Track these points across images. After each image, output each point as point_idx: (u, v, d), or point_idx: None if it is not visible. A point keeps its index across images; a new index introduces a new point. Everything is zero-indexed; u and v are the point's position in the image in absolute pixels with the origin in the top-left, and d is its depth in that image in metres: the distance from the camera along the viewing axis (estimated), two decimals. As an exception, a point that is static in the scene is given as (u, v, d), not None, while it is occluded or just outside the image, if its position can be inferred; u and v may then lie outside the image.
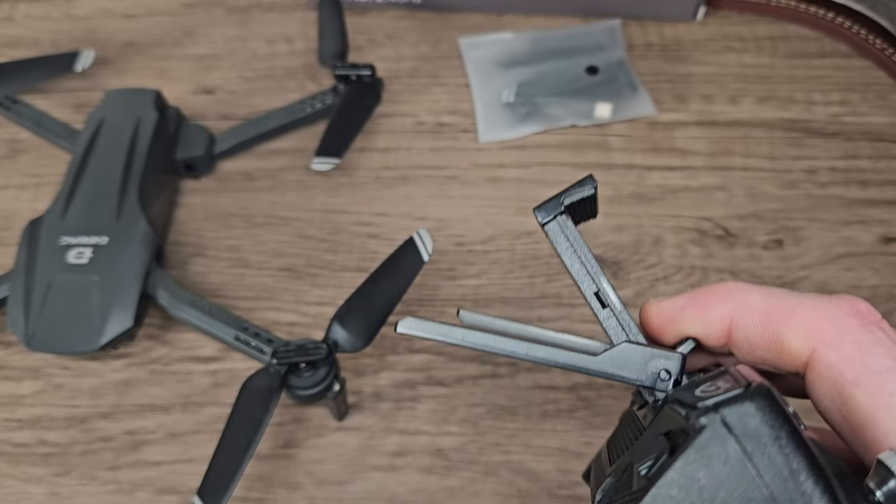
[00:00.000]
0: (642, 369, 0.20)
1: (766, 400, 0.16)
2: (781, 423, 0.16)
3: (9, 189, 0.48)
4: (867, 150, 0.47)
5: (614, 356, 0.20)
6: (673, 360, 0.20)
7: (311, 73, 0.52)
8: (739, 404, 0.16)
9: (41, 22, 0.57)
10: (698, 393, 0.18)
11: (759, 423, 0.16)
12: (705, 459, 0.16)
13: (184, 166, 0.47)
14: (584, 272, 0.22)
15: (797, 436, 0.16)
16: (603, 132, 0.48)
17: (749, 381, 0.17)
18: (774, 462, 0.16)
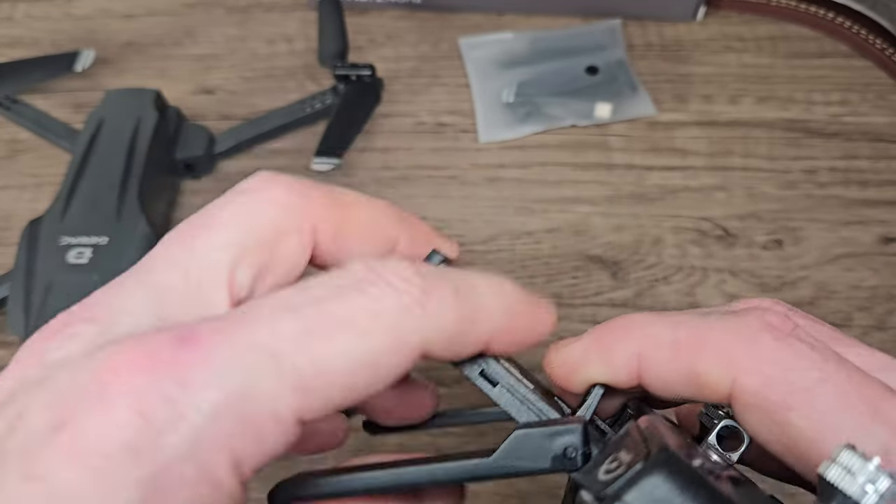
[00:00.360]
0: (544, 453, 0.18)
1: (667, 470, 0.15)
2: (685, 491, 0.15)
3: (9, 189, 0.48)
4: (867, 150, 0.47)
5: (509, 450, 0.18)
6: (574, 434, 0.18)
7: (311, 73, 0.52)
8: (641, 483, 0.15)
9: (41, 22, 0.57)
10: (601, 476, 0.17)
11: (661, 498, 0.15)
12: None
13: (184, 166, 0.47)
14: (465, 365, 0.20)
15: (705, 497, 0.15)
16: (603, 132, 0.48)
17: (648, 450, 0.16)
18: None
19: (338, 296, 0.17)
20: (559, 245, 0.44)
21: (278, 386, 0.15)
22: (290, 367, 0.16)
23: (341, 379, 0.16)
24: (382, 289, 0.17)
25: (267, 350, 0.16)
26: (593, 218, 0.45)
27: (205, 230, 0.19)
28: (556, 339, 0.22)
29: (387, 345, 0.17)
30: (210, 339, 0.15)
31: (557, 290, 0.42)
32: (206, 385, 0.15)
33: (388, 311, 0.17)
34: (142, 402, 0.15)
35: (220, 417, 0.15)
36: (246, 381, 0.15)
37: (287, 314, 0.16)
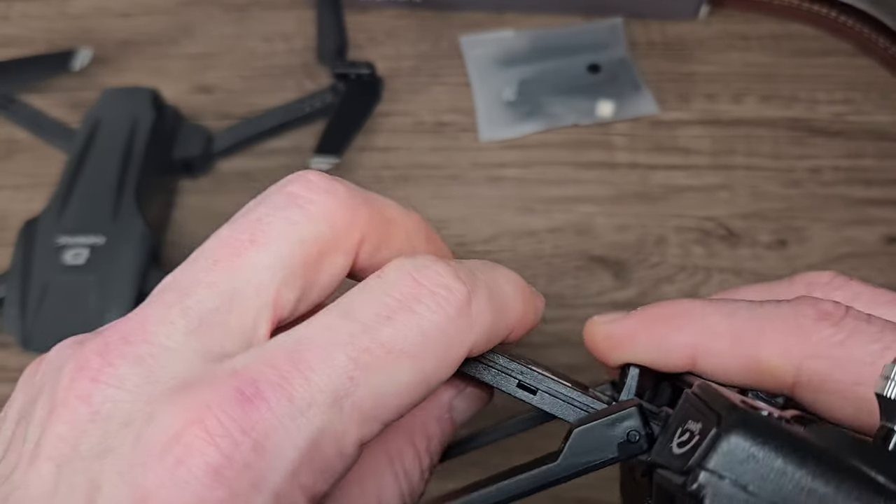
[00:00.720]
0: (609, 443, 0.18)
1: (743, 427, 0.15)
2: (767, 443, 0.15)
3: (4, 189, 0.47)
4: (871, 149, 0.46)
5: (574, 448, 0.18)
6: (633, 418, 0.18)
7: (310, 71, 0.52)
8: (721, 446, 0.15)
9: (37, 21, 0.56)
10: (676, 451, 0.16)
11: (746, 457, 0.15)
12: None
13: (181, 166, 0.47)
14: (495, 375, 0.20)
15: (789, 443, 0.15)
16: (605, 131, 0.48)
17: (717, 413, 0.16)
18: (781, 487, 0.14)
19: (387, 320, 0.17)
20: (561, 245, 0.43)
21: (343, 426, 0.16)
22: (351, 405, 0.16)
23: (398, 402, 0.17)
24: (428, 304, 0.17)
25: (330, 394, 0.16)
26: (596, 217, 0.44)
27: (252, 247, 0.18)
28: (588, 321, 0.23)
29: (438, 363, 0.17)
30: (273, 394, 0.15)
31: (560, 291, 0.42)
32: (280, 445, 0.15)
33: (437, 328, 0.17)
34: (221, 475, 0.15)
35: (297, 471, 0.15)
36: (314, 432, 0.16)
37: (340, 349, 0.16)
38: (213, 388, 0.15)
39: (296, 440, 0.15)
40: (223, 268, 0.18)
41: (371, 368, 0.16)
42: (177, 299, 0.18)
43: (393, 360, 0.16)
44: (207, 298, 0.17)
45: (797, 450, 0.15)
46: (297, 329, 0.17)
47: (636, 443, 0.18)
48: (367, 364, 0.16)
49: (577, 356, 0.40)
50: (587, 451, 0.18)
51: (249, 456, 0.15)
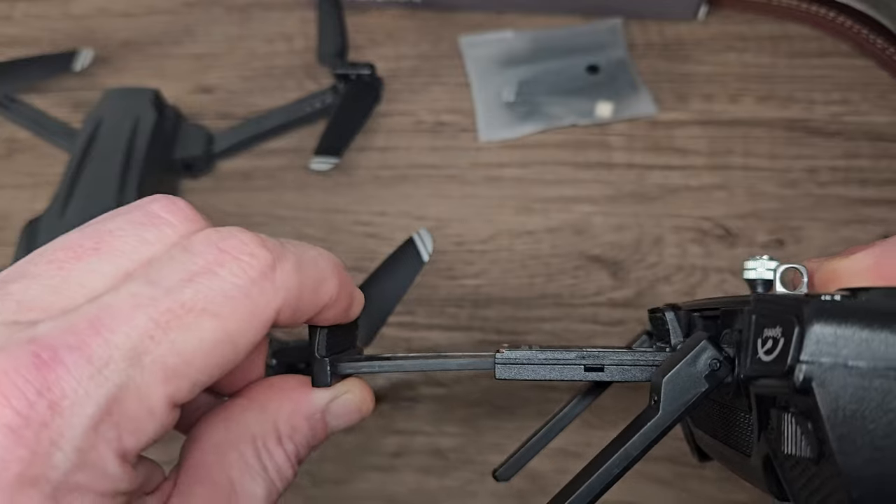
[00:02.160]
0: (697, 379, 0.20)
1: (821, 314, 0.16)
2: (846, 320, 0.16)
3: (6, 189, 0.48)
4: (868, 149, 0.47)
5: (669, 396, 0.19)
6: (707, 349, 0.20)
7: (311, 72, 0.52)
8: (809, 338, 0.16)
9: (39, 21, 0.56)
10: (764, 357, 0.17)
11: (835, 338, 0.16)
12: (844, 404, 0.15)
13: (182, 165, 0.47)
14: (560, 370, 0.21)
15: (862, 314, 0.16)
16: (603, 131, 0.48)
17: (792, 306, 0.17)
18: (874, 351, 0.15)
19: (189, 282, 0.17)
20: (559, 244, 0.44)
21: (145, 382, 0.16)
22: (152, 362, 0.16)
23: (204, 361, 0.17)
24: (231, 268, 0.18)
25: (128, 351, 0.16)
26: (594, 217, 0.45)
27: (94, 254, 0.19)
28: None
29: (242, 322, 0.18)
30: (69, 355, 0.16)
31: (557, 290, 0.42)
32: (77, 403, 0.16)
33: (240, 289, 0.18)
34: (21, 437, 0.15)
35: (98, 427, 0.16)
36: (113, 388, 0.16)
37: (142, 311, 0.17)
38: (10, 354, 0.16)
39: (94, 397, 0.16)
40: (56, 266, 0.18)
41: (171, 327, 0.17)
42: (0, 285, 0.18)
43: (194, 319, 0.17)
44: (31, 287, 0.18)
45: (869, 316, 0.16)
46: (102, 296, 0.17)
47: (720, 369, 0.19)
48: (168, 323, 0.17)
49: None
50: (681, 393, 0.19)
51: (46, 415, 0.15)
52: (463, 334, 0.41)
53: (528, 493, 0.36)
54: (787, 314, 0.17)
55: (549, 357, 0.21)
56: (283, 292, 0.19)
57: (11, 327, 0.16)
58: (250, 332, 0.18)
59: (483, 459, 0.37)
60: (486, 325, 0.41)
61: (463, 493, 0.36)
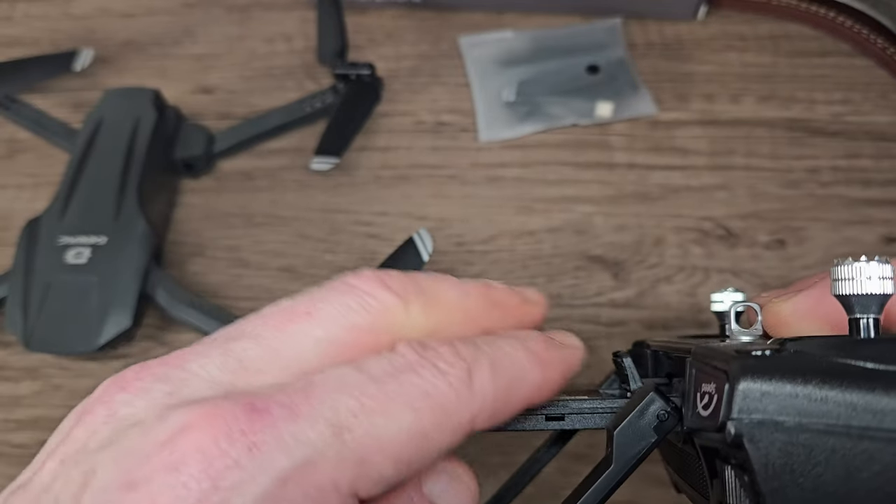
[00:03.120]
0: (646, 430, 0.20)
1: (747, 372, 0.16)
2: (771, 376, 0.16)
3: (7, 189, 0.48)
4: (869, 149, 0.46)
5: (620, 448, 0.20)
6: (655, 400, 0.20)
7: (311, 72, 0.52)
8: (737, 396, 0.16)
9: (40, 21, 0.56)
10: (702, 412, 0.18)
11: (761, 395, 0.16)
12: (775, 459, 0.16)
13: (183, 166, 0.47)
14: (521, 420, 0.21)
15: (786, 368, 0.16)
16: (604, 131, 0.48)
17: (722, 364, 0.17)
18: (798, 405, 0.16)
19: (392, 376, 0.18)
20: (560, 245, 0.44)
21: (339, 457, 0.17)
22: (351, 439, 0.17)
23: (397, 451, 0.17)
24: (431, 371, 0.18)
25: (331, 424, 0.17)
26: (594, 218, 0.45)
27: (307, 318, 0.19)
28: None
29: (437, 423, 0.18)
30: (280, 411, 0.17)
31: (558, 291, 0.42)
32: (274, 452, 0.16)
33: (438, 391, 0.18)
34: (211, 467, 0.15)
35: (285, 483, 0.16)
36: (311, 452, 0.16)
37: (347, 392, 0.17)
38: (227, 399, 0.17)
39: (292, 452, 0.16)
40: (273, 327, 0.19)
41: (374, 412, 0.17)
42: (222, 342, 0.19)
43: (395, 408, 0.18)
44: (250, 347, 0.19)
45: (795, 371, 0.16)
46: (312, 375, 0.18)
47: (667, 420, 0.20)
48: (371, 408, 0.17)
49: (576, 355, 0.40)
50: (631, 444, 0.20)
51: (243, 455, 0.16)
52: (464, 335, 0.41)
53: (534, 496, 0.36)
54: (719, 370, 0.17)
55: None
56: (480, 399, 0.19)
57: (230, 388, 0.18)
58: (444, 435, 0.18)
59: (485, 461, 0.37)
60: (487, 326, 0.41)
61: (464, 494, 0.36)
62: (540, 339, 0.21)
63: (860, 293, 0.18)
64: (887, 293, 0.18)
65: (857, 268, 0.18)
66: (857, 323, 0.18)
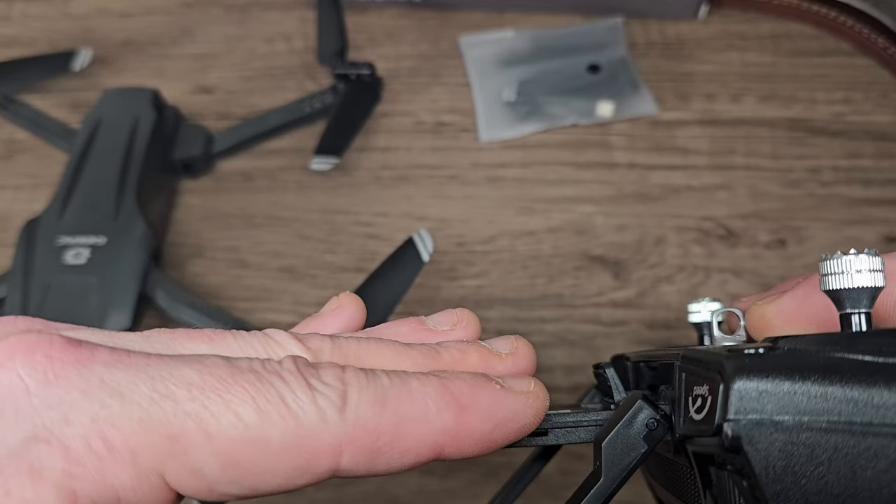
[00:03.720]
0: (635, 440, 0.19)
1: (742, 371, 0.16)
2: (767, 375, 0.16)
3: (6, 189, 0.48)
4: (870, 149, 0.46)
5: (610, 460, 0.19)
6: (643, 409, 0.19)
7: (310, 72, 0.52)
8: (733, 396, 0.16)
9: (38, 21, 0.56)
10: (696, 416, 0.17)
11: (758, 394, 0.16)
12: (775, 460, 0.15)
13: (182, 166, 0.47)
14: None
15: (782, 366, 0.16)
16: (604, 131, 0.48)
17: (714, 365, 0.17)
18: (797, 403, 0.15)
19: (256, 374, 0.16)
20: (561, 245, 0.44)
21: (147, 423, 0.15)
22: (172, 411, 0.15)
23: (224, 447, 0.16)
24: (301, 385, 0.17)
25: (156, 389, 0.16)
26: (595, 217, 0.44)
27: (206, 338, 0.19)
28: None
29: (287, 435, 0.16)
30: (105, 355, 0.16)
31: (559, 291, 0.42)
32: (73, 387, 0.15)
33: (298, 404, 0.16)
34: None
35: (67, 423, 0.15)
36: (112, 403, 0.15)
37: (197, 369, 0.16)
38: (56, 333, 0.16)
39: (92, 394, 0.15)
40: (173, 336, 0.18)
41: (214, 394, 0.16)
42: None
43: (238, 401, 0.16)
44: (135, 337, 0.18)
45: (792, 368, 0.16)
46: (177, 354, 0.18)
47: (657, 429, 0.19)
48: (213, 389, 0.16)
49: (576, 356, 0.40)
50: (621, 456, 0.19)
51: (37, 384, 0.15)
52: (464, 335, 0.41)
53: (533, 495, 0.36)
54: (712, 372, 0.17)
55: None
56: (350, 429, 0.17)
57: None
58: (296, 455, 0.16)
59: (486, 460, 0.37)
60: (487, 326, 0.41)
61: (466, 495, 0.36)
62: (468, 380, 0.18)
63: (850, 287, 0.17)
64: (878, 286, 0.17)
65: (847, 261, 0.17)
66: (848, 318, 0.18)
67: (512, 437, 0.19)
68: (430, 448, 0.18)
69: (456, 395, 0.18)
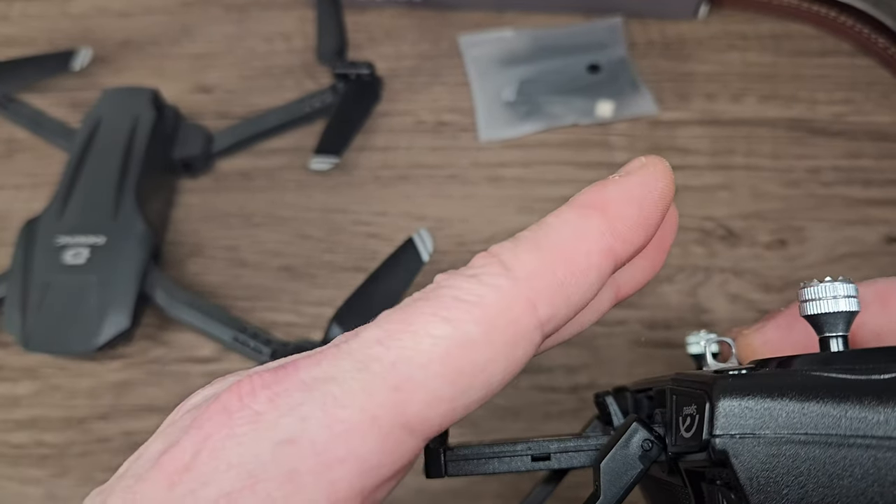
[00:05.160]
0: (631, 461, 0.20)
1: (725, 387, 0.17)
2: (750, 392, 0.17)
3: (5, 189, 0.47)
4: (871, 149, 0.46)
5: (608, 481, 0.20)
6: (638, 430, 0.20)
7: (310, 71, 0.52)
8: (719, 413, 0.17)
9: (37, 20, 0.56)
10: (685, 434, 0.18)
11: (742, 411, 0.17)
12: (759, 472, 0.16)
13: (181, 165, 0.47)
14: (509, 462, 0.22)
15: (765, 385, 0.17)
16: (604, 131, 0.48)
17: (701, 385, 0.18)
18: (778, 419, 0.17)
19: (422, 298, 0.17)
20: (561, 245, 0.43)
21: (368, 388, 0.16)
22: (380, 368, 0.16)
23: (439, 368, 0.16)
24: (461, 279, 0.17)
25: (356, 360, 0.16)
26: (595, 217, 0.44)
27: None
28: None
29: (483, 324, 0.17)
30: (304, 362, 0.17)
31: (559, 291, 0.42)
32: (294, 394, 0.16)
33: (472, 293, 0.17)
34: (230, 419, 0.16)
35: (305, 420, 0.16)
36: (333, 388, 0.16)
37: (374, 326, 0.17)
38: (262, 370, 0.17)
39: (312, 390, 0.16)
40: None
41: (399, 333, 0.17)
42: None
43: (422, 323, 0.17)
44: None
45: (773, 387, 0.17)
46: None
47: (651, 449, 0.20)
48: (396, 331, 0.17)
49: (576, 356, 0.40)
50: (618, 476, 0.20)
51: (264, 405, 0.16)
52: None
53: (531, 494, 0.36)
54: (699, 392, 0.18)
55: (496, 451, 0.22)
56: (528, 283, 0.17)
57: None
58: (503, 336, 0.17)
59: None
60: (487, 326, 0.41)
61: (467, 495, 0.36)
62: (590, 189, 0.19)
63: (828, 311, 0.19)
64: (853, 310, 0.19)
65: (823, 288, 0.19)
66: (826, 341, 0.19)
67: (661, 207, 0.19)
68: (603, 255, 0.18)
69: (587, 203, 0.19)
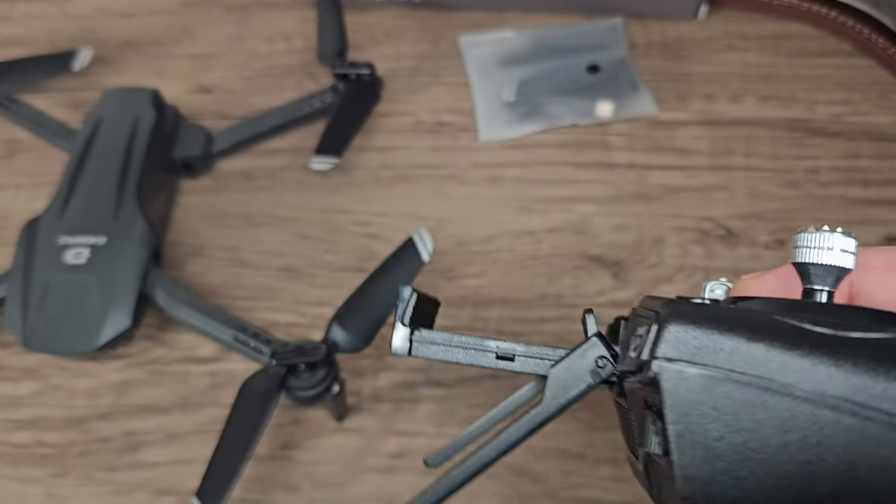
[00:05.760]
0: (582, 375, 0.20)
1: (678, 313, 0.16)
2: (702, 322, 0.16)
3: (6, 189, 0.48)
4: (869, 149, 0.46)
5: (554, 388, 0.20)
6: (596, 346, 0.20)
7: (310, 71, 0.52)
8: (665, 336, 0.16)
9: (39, 21, 0.56)
10: (631, 355, 0.18)
11: (688, 338, 0.16)
12: (686, 401, 0.16)
13: (182, 165, 0.47)
14: (473, 355, 0.21)
15: (721, 317, 0.16)
16: (604, 131, 0.48)
17: (656, 311, 0.17)
18: (721, 354, 0.16)
19: None
20: (560, 245, 0.44)
21: None
22: None
23: None
24: None
25: None
26: (594, 217, 0.44)
27: None
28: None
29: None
30: None
31: (558, 291, 0.42)
32: None
33: None
34: None
35: None
36: None
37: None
38: None
39: None
40: None
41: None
42: None
43: None
44: None
45: (728, 322, 0.16)
46: None
47: (603, 367, 0.20)
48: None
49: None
50: (565, 387, 0.20)
51: None
52: (463, 335, 0.41)
53: (532, 494, 0.36)
54: (652, 313, 0.17)
55: (465, 342, 0.21)
56: None
57: None
58: None
59: (484, 461, 0.37)
60: (486, 326, 0.41)
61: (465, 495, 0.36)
62: None
63: (818, 262, 0.18)
64: (846, 267, 0.18)
65: (820, 237, 0.18)
66: (811, 293, 0.18)
67: None
68: None
69: None
